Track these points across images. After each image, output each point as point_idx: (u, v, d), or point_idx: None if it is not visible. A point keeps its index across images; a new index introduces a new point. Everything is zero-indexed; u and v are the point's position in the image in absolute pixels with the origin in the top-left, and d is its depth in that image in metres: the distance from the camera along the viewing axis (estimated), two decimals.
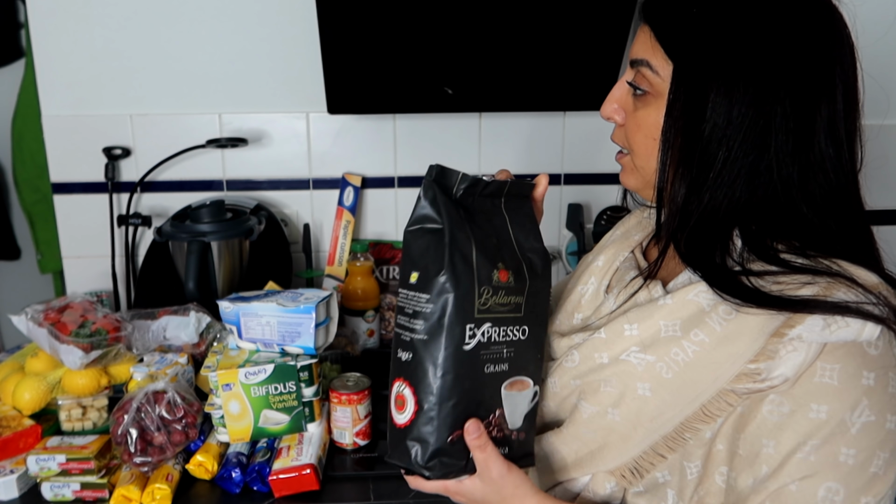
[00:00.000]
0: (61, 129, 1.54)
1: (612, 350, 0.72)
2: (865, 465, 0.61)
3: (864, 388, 0.61)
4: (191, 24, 1.50)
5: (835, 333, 0.61)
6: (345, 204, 1.60)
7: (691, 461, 0.69)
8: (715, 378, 0.65)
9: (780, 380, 0.63)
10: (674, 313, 0.68)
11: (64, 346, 1.15)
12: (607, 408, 0.72)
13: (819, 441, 0.61)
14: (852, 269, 0.64)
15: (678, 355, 0.67)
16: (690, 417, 0.67)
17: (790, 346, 0.62)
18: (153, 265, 1.54)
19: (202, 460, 1.06)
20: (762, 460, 0.63)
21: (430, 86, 1.44)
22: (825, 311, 0.61)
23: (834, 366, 0.61)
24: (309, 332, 1.10)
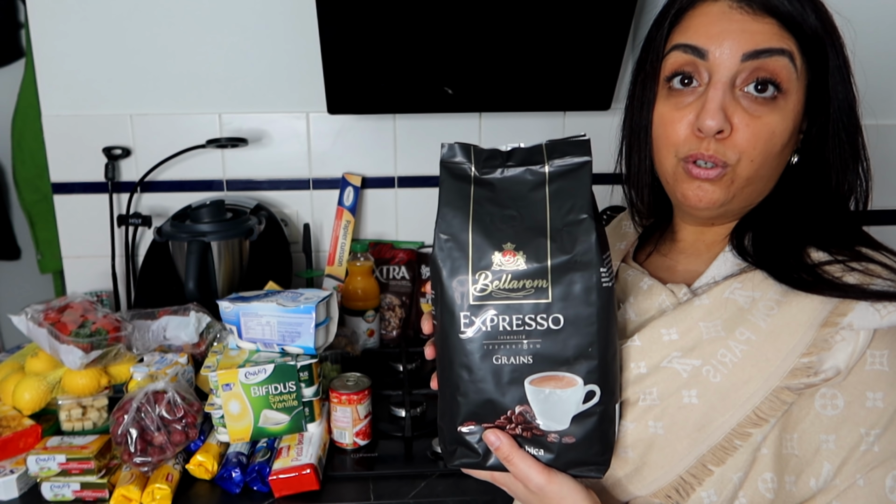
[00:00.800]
0: (61, 129, 1.54)
1: (650, 358, 0.67)
2: None
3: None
4: (191, 24, 1.50)
5: (885, 318, 0.59)
6: (345, 204, 1.60)
7: (737, 472, 0.64)
8: (768, 376, 0.62)
9: (832, 372, 0.60)
10: (713, 313, 0.65)
11: (64, 346, 1.15)
12: (648, 422, 0.66)
13: (881, 430, 0.59)
14: (880, 257, 0.63)
15: (725, 356, 0.63)
16: (742, 422, 0.63)
17: (845, 334, 0.60)
18: (153, 265, 1.54)
19: (202, 460, 1.06)
20: (823, 457, 0.60)
21: (430, 86, 1.44)
22: (873, 297, 0.59)
23: (883, 352, 0.59)
24: (309, 332, 1.10)
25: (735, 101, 0.64)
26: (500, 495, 1.03)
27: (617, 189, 0.83)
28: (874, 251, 0.64)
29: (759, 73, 0.63)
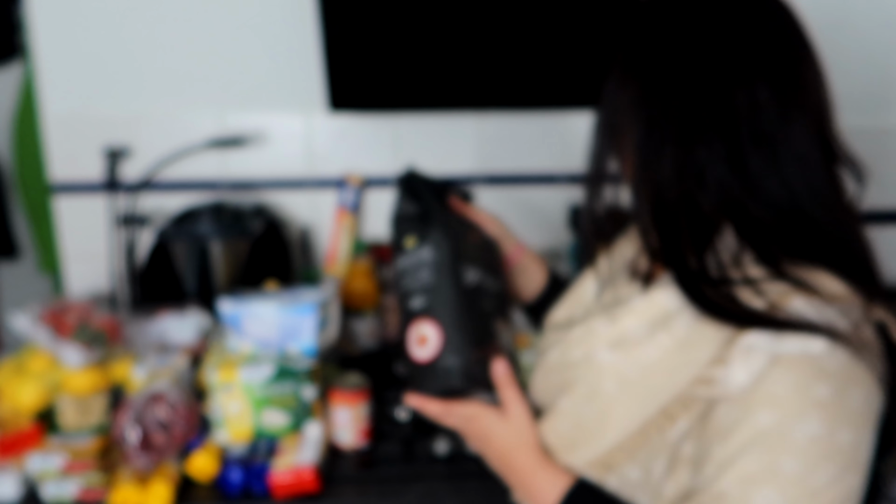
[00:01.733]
0: (61, 129, 1.54)
1: (584, 348, 0.74)
2: (808, 478, 0.59)
3: (815, 401, 0.60)
4: (191, 24, 1.50)
5: (783, 344, 0.60)
6: (345, 204, 1.60)
7: (657, 459, 0.68)
8: (674, 382, 0.66)
9: (735, 387, 0.62)
10: (644, 314, 0.69)
11: (64, 346, 1.15)
12: (579, 403, 0.73)
13: (762, 448, 0.60)
14: (819, 278, 0.63)
15: (641, 357, 0.68)
16: (653, 417, 0.67)
17: (744, 355, 0.61)
18: (153, 265, 1.54)
19: (202, 460, 1.06)
20: (709, 461, 0.64)
21: (432, 84, 1.43)
22: (772, 326, 0.60)
23: (787, 376, 0.60)
24: (309, 332, 1.10)
25: None
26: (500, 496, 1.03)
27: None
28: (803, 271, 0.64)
29: None
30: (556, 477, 0.73)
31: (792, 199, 0.64)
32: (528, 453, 0.76)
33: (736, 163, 0.64)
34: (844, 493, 0.60)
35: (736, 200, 0.64)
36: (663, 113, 0.65)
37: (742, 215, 0.65)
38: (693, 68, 0.65)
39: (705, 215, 0.65)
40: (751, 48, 0.64)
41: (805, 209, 0.64)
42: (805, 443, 0.59)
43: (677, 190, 0.65)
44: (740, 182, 0.64)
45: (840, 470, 0.60)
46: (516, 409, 0.79)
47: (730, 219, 0.65)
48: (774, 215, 0.64)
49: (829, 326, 0.60)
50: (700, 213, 0.65)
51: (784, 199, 0.64)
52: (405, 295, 0.86)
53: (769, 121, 0.63)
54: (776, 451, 0.60)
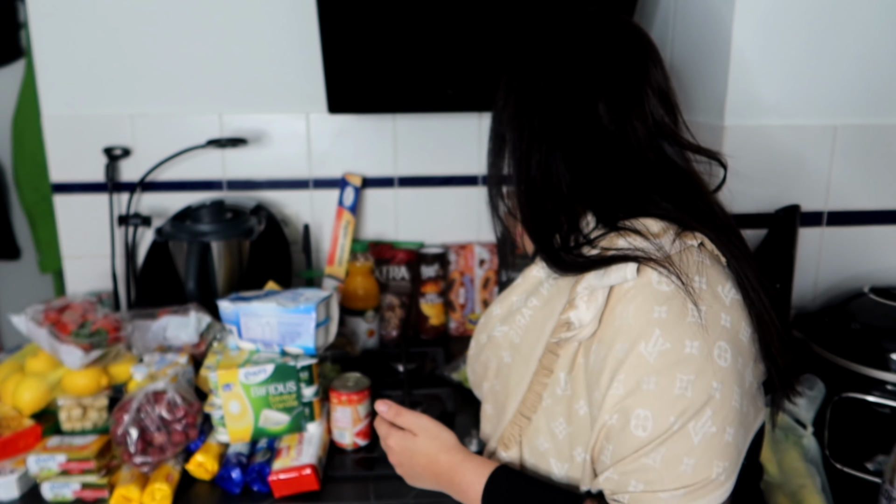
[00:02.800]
0: (61, 129, 1.54)
1: (486, 330, 0.86)
2: (668, 388, 0.66)
3: (656, 321, 0.67)
4: (191, 25, 1.50)
5: (608, 277, 0.70)
6: (345, 204, 1.60)
7: (555, 420, 0.76)
8: (543, 333, 0.77)
9: (588, 325, 0.71)
10: (523, 288, 0.83)
11: (64, 346, 1.15)
12: (493, 381, 0.85)
13: (623, 374, 0.67)
14: (642, 221, 0.73)
15: (520, 321, 0.81)
16: (536, 374, 0.77)
17: (589, 296, 0.71)
18: (153, 265, 1.54)
19: (202, 460, 1.06)
20: (593, 405, 0.71)
21: (431, 86, 1.44)
22: (596, 266, 0.71)
23: (627, 306, 0.69)
24: (309, 332, 1.10)
25: None
26: None
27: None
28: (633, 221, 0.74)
29: None
30: (479, 466, 0.78)
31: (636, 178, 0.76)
32: (448, 452, 0.81)
33: (582, 162, 0.76)
34: (705, 394, 0.66)
35: (592, 187, 0.76)
36: (530, 123, 0.78)
37: (597, 197, 0.77)
38: (552, 88, 0.77)
39: (566, 203, 0.77)
40: (596, 73, 0.77)
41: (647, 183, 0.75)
42: (657, 358, 0.66)
43: (542, 185, 0.77)
44: (587, 176, 0.76)
45: (694, 375, 0.66)
46: (419, 423, 0.83)
47: (584, 203, 0.77)
48: (623, 192, 0.75)
49: (635, 252, 0.70)
50: (562, 201, 0.77)
51: (629, 179, 0.76)
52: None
53: (607, 131, 0.76)
54: (635, 373, 0.67)
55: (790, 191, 1.27)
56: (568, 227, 0.77)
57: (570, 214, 0.77)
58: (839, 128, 1.26)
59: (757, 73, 1.23)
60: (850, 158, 1.28)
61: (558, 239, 0.77)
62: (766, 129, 1.25)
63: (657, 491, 0.66)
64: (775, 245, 1.19)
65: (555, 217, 0.77)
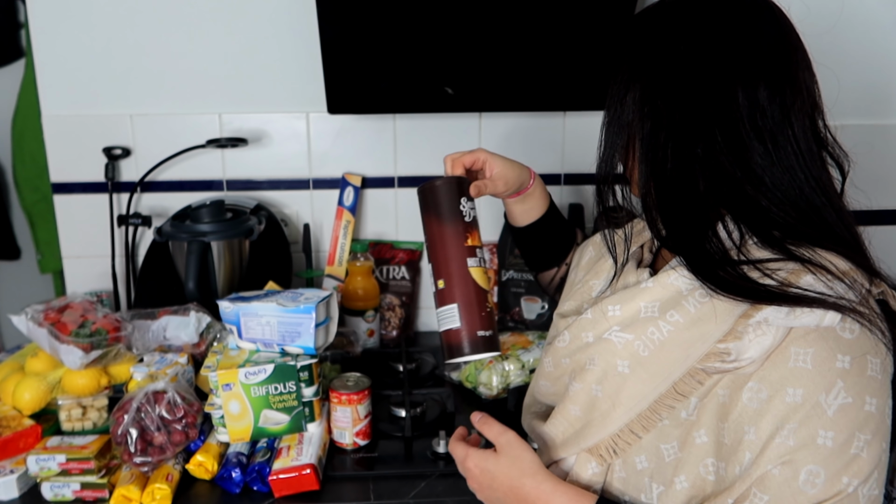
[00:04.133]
0: (61, 129, 1.54)
1: (596, 329, 0.76)
2: (845, 446, 0.62)
3: (839, 371, 0.62)
4: (191, 24, 1.50)
5: (798, 318, 0.63)
6: (345, 204, 1.60)
7: (667, 443, 0.71)
8: (686, 356, 0.69)
9: (747, 361, 0.65)
10: (654, 295, 0.73)
11: (64, 346, 1.15)
12: (591, 385, 0.76)
13: (796, 424, 0.62)
14: (824, 255, 0.67)
15: (654, 334, 0.71)
16: (664, 395, 0.71)
17: (758, 329, 0.65)
18: (153, 265, 1.54)
19: (202, 460, 1.06)
20: (745, 447, 0.65)
21: (430, 86, 1.44)
22: (784, 301, 0.64)
23: (808, 350, 0.63)
24: (309, 332, 1.10)
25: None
26: None
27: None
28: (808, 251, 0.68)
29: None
30: (574, 498, 0.73)
31: (795, 189, 0.68)
32: (535, 477, 0.74)
33: (738, 156, 0.68)
34: (877, 456, 0.63)
35: (737, 190, 0.69)
36: (667, 110, 0.70)
37: (743, 203, 0.69)
38: (695, 69, 0.69)
39: (706, 204, 0.70)
40: (750, 51, 0.68)
41: (807, 198, 0.68)
42: (837, 413, 0.62)
43: (680, 181, 0.70)
44: (742, 173, 0.68)
45: (871, 435, 0.62)
46: (504, 440, 0.78)
47: (729, 207, 0.70)
48: (777, 203, 0.68)
49: (839, 300, 0.63)
50: (701, 202, 0.70)
51: (787, 189, 0.68)
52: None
53: (770, 119, 0.68)
54: (811, 425, 0.62)
55: None
56: (708, 232, 0.70)
57: (707, 218, 0.71)
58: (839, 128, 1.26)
59: None
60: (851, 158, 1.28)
61: (712, 248, 0.70)
62: None
63: None
64: None
65: (693, 219, 0.71)
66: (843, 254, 0.67)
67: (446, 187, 0.89)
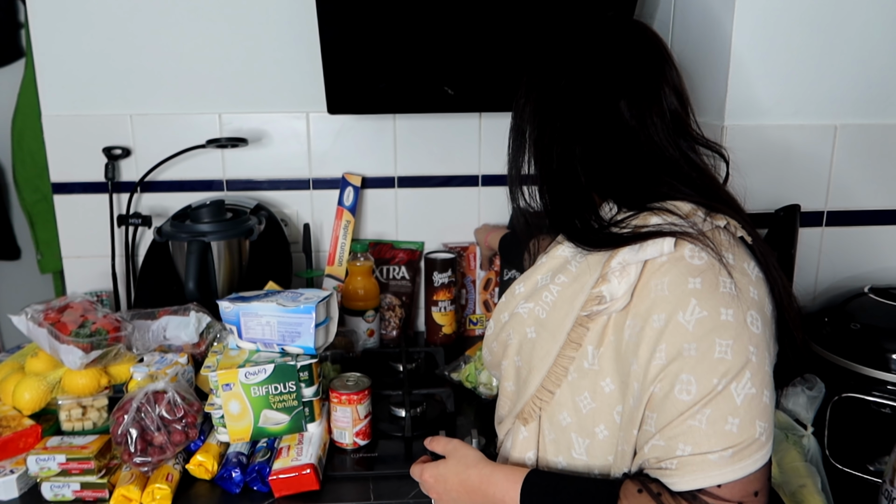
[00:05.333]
0: (61, 129, 1.54)
1: (508, 308, 0.88)
2: (708, 353, 0.69)
3: (691, 291, 0.71)
4: (191, 24, 1.50)
5: (645, 251, 0.74)
6: (345, 204, 1.60)
7: (580, 394, 0.79)
8: (572, 308, 0.79)
9: (620, 299, 0.75)
10: (548, 266, 0.86)
11: (64, 346, 1.15)
12: (513, 357, 0.87)
13: (664, 345, 0.70)
14: (672, 203, 0.78)
15: (548, 297, 0.83)
16: (563, 347, 0.80)
17: (622, 271, 0.75)
18: (153, 265, 1.54)
19: (202, 460, 1.06)
20: (632, 378, 0.73)
21: (430, 86, 1.44)
22: (632, 240, 0.75)
23: (663, 279, 0.72)
24: (309, 332, 1.10)
25: None
26: None
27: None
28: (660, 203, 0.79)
29: None
30: (510, 473, 0.80)
31: (653, 173, 0.81)
32: (476, 466, 0.83)
33: (607, 153, 0.81)
34: (743, 357, 0.69)
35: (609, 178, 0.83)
36: (552, 118, 0.83)
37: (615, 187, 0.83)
38: (574, 85, 0.83)
39: (586, 191, 0.83)
40: (615, 70, 0.82)
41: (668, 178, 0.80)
42: (695, 326, 0.70)
43: (564, 176, 0.83)
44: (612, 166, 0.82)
45: (732, 339, 0.69)
46: (451, 447, 0.87)
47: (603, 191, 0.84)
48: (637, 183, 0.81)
49: (672, 227, 0.74)
50: (582, 190, 0.83)
51: (647, 173, 0.81)
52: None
53: (629, 124, 0.81)
54: (675, 342, 0.70)
55: (790, 190, 1.27)
56: (589, 212, 0.82)
57: (590, 202, 0.83)
58: (839, 127, 1.26)
59: (756, 73, 1.23)
60: (851, 158, 1.28)
61: (578, 223, 0.82)
62: (765, 128, 1.25)
63: (705, 452, 0.67)
64: (775, 245, 1.19)
65: (575, 204, 0.83)
66: (688, 199, 0.78)
67: None
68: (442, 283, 1.56)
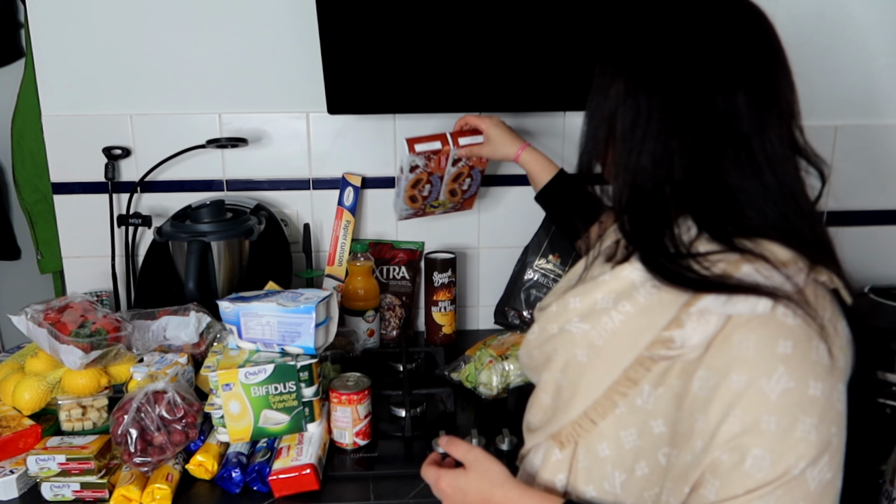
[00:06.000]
0: (61, 129, 1.54)
1: (559, 321, 0.80)
2: (790, 430, 0.63)
3: (780, 356, 0.64)
4: (191, 25, 1.50)
5: (734, 306, 0.66)
6: (345, 204, 1.60)
7: (626, 429, 0.73)
8: (635, 344, 0.72)
9: (690, 348, 0.67)
10: (610, 287, 0.76)
11: (64, 346, 1.15)
12: (556, 374, 0.79)
13: (741, 410, 0.64)
14: (768, 247, 0.68)
15: (607, 323, 0.74)
16: (617, 382, 0.73)
17: (700, 317, 0.67)
18: (153, 265, 1.54)
19: (202, 460, 1.06)
20: (696, 435, 0.66)
21: (430, 86, 1.44)
22: (721, 290, 0.66)
23: (750, 336, 0.65)
24: (309, 332, 1.10)
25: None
26: None
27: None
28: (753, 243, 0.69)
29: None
30: (542, 500, 0.76)
31: (760, 193, 0.70)
32: (502, 487, 0.78)
33: (709, 158, 0.70)
34: (825, 439, 0.63)
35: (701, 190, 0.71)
36: (647, 107, 0.71)
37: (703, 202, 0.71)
38: (678, 70, 0.70)
39: (670, 200, 0.72)
40: (732, 57, 0.70)
41: (773, 200, 0.70)
42: (779, 397, 0.63)
43: (651, 178, 0.72)
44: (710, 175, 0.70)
45: (817, 419, 0.63)
46: (472, 457, 0.81)
47: (689, 205, 0.72)
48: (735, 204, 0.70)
49: (774, 288, 0.65)
50: (666, 198, 0.72)
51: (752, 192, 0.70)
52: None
53: (746, 124, 0.69)
54: (755, 410, 0.63)
55: None
56: (664, 225, 0.72)
57: (667, 213, 0.73)
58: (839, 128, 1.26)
59: None
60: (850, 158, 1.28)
61: (668, 243, 0.72)
62: None
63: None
64: None
65: (658, 215, 0.72)
66: (788, 243, 0.69)
67: None
68: (442, 283, 1.56)
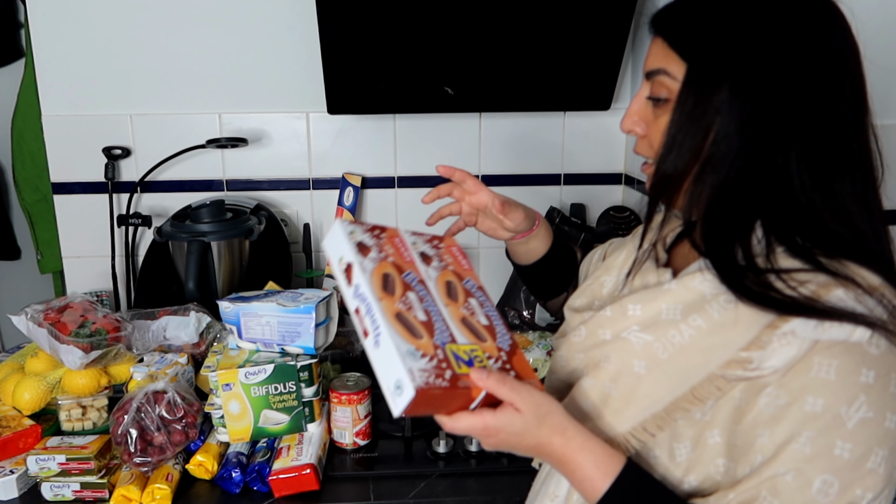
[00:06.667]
0: (61, 129, 1.54)
1: (614, 327, 0.75)
2: (862, 460, 0.62)
3: (862, 385, 0.62)
4: (191, 25, 1.50)
5: (826, 332, 0.62)
6: (345, 204, 1.60)
7: (680, 442, 0.70)
8: (707, 362, 0.68)
9: (770, 370, 0.64)
10: (677, 298, 0.71)
11: (64, 346, 1.15)
12: (605, 382, 0.74)
13: (814, 433, 0.62)
14: (856, 270, 0.65)
15: (675, 337, 0.70)
16: (680, 399, 0.69)
17: (783, 339, 0.64)
18: (153, 265, 1.54)
19: (202, 460, 1.06)
20: (757, 450, 0.65)
21: (430, 86, 1.44)
22: (813, 315, 0.63)
23: (832, 361, 0.62)
24: (309, 332, 1.10)
25: (648, 109, 0.74)
26: (499, 495, 1.03)
27: (617, 189, 0.84)
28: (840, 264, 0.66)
29: (651, 89, 0.73)
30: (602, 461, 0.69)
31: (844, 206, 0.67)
32: (563, 434, 0.69)
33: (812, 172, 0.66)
34: (890, 473, 0.63)
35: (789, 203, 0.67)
36: (755, 118, 0.66)
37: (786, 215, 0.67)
38: (789, 80, 0.66)
39: (753, 211, 0.68)
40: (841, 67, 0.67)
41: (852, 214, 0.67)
42: (857, 426, 0.61)
43: (740, 189, 0.68)
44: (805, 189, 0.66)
45: (889, 451, 0.62)
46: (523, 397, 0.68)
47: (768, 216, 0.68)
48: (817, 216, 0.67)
49: (869, 315, 0.63)
50: (750, 209, 0.68)
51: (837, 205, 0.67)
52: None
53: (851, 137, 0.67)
54: (830, 435, 0.62)
55: None
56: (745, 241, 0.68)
57: (749, 227, 0.69)
58: None
59: None
60: None
61: (740, 253, 0.67)
62: None
63: None
64: None
65: (738, 226, 0.68)
66: (875, 269, 0.66)
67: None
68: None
